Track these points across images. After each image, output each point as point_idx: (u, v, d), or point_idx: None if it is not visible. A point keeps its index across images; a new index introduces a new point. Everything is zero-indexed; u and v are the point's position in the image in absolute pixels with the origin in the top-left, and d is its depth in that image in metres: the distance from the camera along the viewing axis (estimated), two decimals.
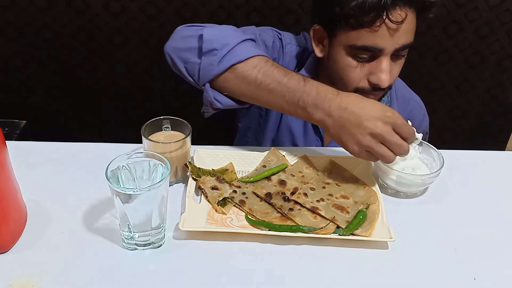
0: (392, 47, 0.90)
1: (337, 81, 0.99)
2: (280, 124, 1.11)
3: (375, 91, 0.96)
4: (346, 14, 0.89)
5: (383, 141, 0.78)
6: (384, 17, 0.87)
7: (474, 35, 1.38)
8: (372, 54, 0.92)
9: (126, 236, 0.71)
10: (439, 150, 0.88)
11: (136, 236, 0.70)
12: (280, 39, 1.06)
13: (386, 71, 0.92)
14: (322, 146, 1.11)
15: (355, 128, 0.78)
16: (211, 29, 0.88)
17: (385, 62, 0.92)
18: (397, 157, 0.89)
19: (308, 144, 1.10)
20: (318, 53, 1.02)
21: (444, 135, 1.57)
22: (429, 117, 1.21)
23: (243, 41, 0.88)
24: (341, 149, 1.01)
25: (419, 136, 0.83)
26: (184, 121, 0.84)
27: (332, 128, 0.81)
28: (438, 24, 1.36)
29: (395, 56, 0.93)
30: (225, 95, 0.89)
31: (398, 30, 0.89)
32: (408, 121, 0.84)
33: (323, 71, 1.05)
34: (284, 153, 0.93)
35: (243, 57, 0.86)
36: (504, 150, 1.62)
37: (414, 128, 0.82)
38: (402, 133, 0.78)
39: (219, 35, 0.87)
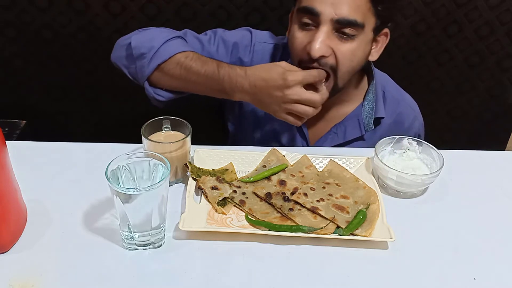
0: (330, 15, 0.89)
1: (292, 57, 0.99)
2: (262, 124, 1.11)
3: (311, 63, 0.93)
4: None
5: (296, 101, 0.88)
6: None
7: (474, 35, 1.38)
8: (312, 19, 0.91)
9: (126, 236, 0.71)
10: (439, 150, 0.88)
11: (136, 236, 0.70)
12: (251, 38, 1.08)
13: (318, 39, 0.90)
14: (308, 145, 1.10)
15: (268, 99, 0.90)
16: (138, 36, 0.98)
17: (322, 31, 0.90)
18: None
19: (294, 145, 1.10)
20: (287, 34, 1.02)
21: (444, 135, 1.57)
22: (429, 117, 1.19)
23: (168, 40, 0.96)
24: (342, 149, 1.00)
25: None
26: (184, 121, 0.84)
27: (253, 102, 0.93)
28: (438, 24, 1.36)
29: (340, 33, 0.91)
30: (164, 89, 0.99)
31: None
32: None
33: None
34: (284, 153, 0.93)
35: (166, 56, 0.95)
36: (504, 150, 1.61)
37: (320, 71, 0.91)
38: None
39: (145, 39, 0.97)
